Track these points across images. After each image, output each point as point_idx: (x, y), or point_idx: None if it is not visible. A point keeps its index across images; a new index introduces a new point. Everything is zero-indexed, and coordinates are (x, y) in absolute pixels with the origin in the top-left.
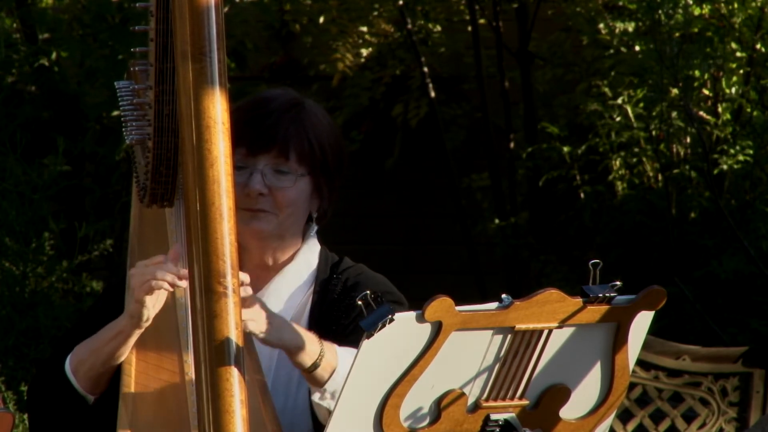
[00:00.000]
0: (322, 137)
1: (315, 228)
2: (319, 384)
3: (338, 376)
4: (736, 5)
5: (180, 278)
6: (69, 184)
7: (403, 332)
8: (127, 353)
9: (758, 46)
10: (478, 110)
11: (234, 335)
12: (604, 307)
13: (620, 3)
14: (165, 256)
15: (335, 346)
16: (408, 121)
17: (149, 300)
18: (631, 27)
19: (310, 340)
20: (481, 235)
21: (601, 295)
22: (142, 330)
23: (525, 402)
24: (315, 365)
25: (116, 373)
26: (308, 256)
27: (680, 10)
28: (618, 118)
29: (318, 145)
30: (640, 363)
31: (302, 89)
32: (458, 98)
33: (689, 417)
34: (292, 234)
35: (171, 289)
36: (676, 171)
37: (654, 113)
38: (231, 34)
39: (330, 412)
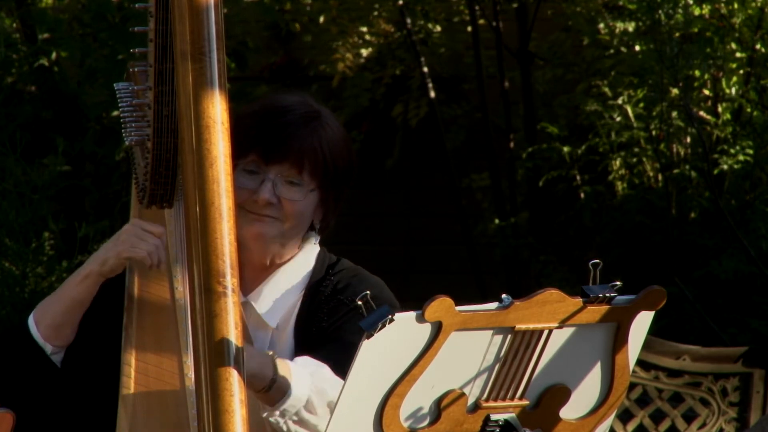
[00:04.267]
0: (336, 151)
1: (317, 238)
2: (270, 404)
3: (288, 398)
4: (736, 5)
5: (159, 262)
6: (69, 184)
7: (403, 332)
8: (89, 301)
9: (758, 46)
10: (478, 110)
11: (233, 335)
12: (604, 307)
13: (620, 3)
14: (163, 229)
15: (292, 370)
16: (408, 121)
17: (127, 260)
18: (631, 27)
19: (264, 365)
20: (481, 235)
21: (601, 295)
22: (105, 279)
23: (525, 402)
24: (266, 389)
25: (116, 375)
26: (305, 258)
27: (680, 10)
28: (618, 118)
29: (331, 159)
30: (640, 363)
31: (302, 89)
32: (458, 98)
33: (689, 417)
34: (294, 240)
35: (148, 262)
36: (676, 171)
37: (654, 113)
38: (231, 34)
39: (331, 412)
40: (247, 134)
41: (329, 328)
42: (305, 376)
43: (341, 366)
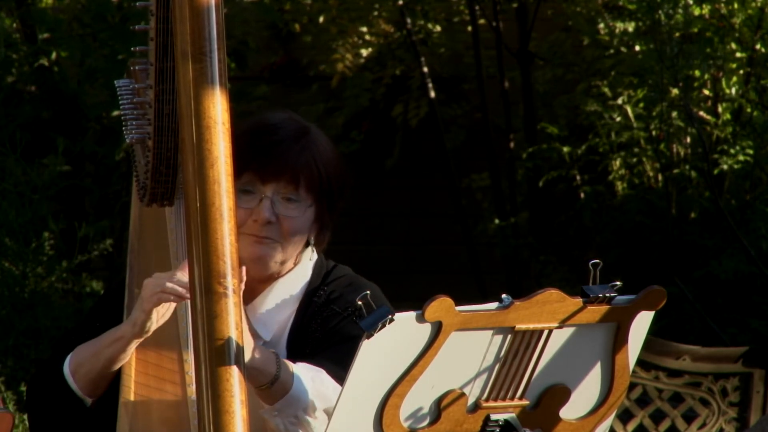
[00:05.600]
0: (329, 165)
1: (313, 251)
2: (270, 402)
3: (289, 398)
4: (736, 5)
5: (187, 291)
6: (69, 184)
7: (403, 332)
8: (126, 359)
9: (758, 46)
10: (478, 110)
11: (234, 335)
12: (604, 307)
13: (620, 3)
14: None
15: (295, 371)
16: (408, 121)
17: (155, 312)
18: (631, 27)
19: (267, 360)
20: (481, 235)
21: (601, 295)
22: (142, 339)
23: (525, 402)
24: (268, 385)
25: (115, 377)
26: (303, 270)
27: (680, 10)
28: (618, 118)
29: (326, 173)
30: (640, 363)
31: (302, 89)
32: (458, 98)
33: (689, 417)
34: (292, 257)
35: (178, 302)
36: (676, 171)
37: (654, 113)
38: (231, 34)
39: (331, 413)
40: (239, 155)
41: (323, 337)
42: (307, 379)
43: (341, 362)
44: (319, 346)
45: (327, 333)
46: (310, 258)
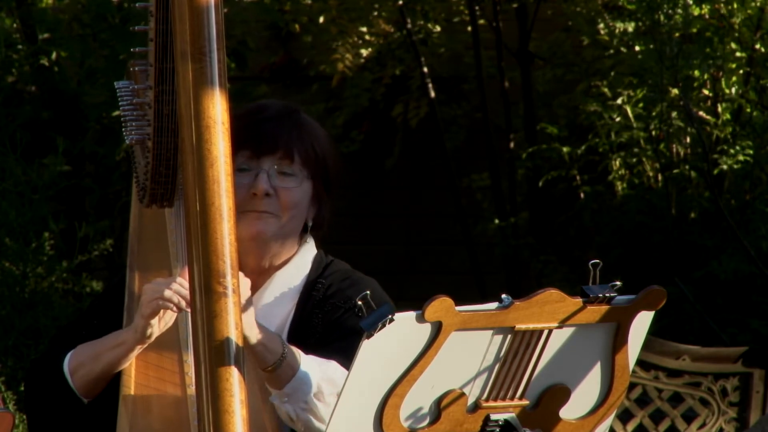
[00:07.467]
0: (323, 145)
1: (310, 242)
2: (279, 386)
3: (297, 380)
4: (735, 5)
5: (187, 303)
6: (69, 184)
7: (403, 332)
8: (127, 364)
9: (758, 46)
10: (478, 110)
11: (234, 335)
12: (604, 307)
13: (620, 3)
14: (184, 270)
15: (301, 354)
16: (408, 121)
17: (157, 318)
18: (631, 27)
19: (273, 339)
20: (481, 235)
21: (601, 295)
22: (145, 345)
23: (525, 402)
24: (275, 365)
25: (114, 377)
26: (301, 261)
27: (680, 10)
28: (618, 118)
29: (320, 149)
30: (640, 363)
31: (302, 89)
32: (458, 98)
33: (689, 417)
34: (291, 239)
35: (176, 311)
36: (676, 171)
37: (654, 113)
38: (231, 34)
39: (331, 411)
40: (232, 137)
41: (325, 330)
42: (314, 363)
43: (347, 355)
44: (322, 340)
45: (329, 326)
46: (308, 248)
